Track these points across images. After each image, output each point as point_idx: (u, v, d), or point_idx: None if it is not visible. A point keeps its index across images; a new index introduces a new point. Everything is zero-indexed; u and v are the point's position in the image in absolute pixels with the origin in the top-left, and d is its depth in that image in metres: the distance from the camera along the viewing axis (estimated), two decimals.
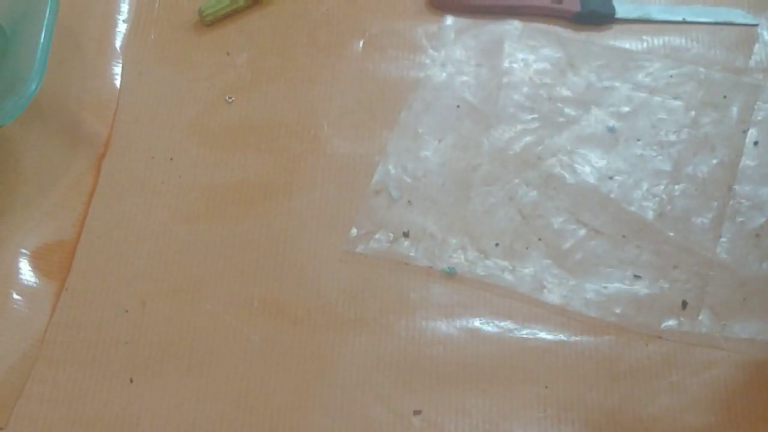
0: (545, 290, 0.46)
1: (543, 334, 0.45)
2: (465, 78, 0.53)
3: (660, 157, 0.50)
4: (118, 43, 0.54)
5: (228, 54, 0.54)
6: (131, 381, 0.44)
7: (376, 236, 0.48)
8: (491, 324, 0.46)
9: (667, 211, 0.48)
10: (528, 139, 0.51)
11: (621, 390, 0.44)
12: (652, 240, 0.48)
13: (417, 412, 0.43)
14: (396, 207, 0.49)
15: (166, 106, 0.52)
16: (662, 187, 0.49)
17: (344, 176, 0.50)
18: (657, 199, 0.49)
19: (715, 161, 0.50)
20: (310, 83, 0.53)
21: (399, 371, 0.45)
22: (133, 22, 0.55)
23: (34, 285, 0.46)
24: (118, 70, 0.53)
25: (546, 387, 0.44)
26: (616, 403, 0.44)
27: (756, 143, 0.50)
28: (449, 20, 0.55)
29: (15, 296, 0.46)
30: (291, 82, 0.53)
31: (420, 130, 0.51)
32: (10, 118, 0.44)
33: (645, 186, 0.49)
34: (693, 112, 0.51)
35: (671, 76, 0.53)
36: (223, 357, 0.45)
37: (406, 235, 0.48)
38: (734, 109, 0.51)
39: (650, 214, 0.48)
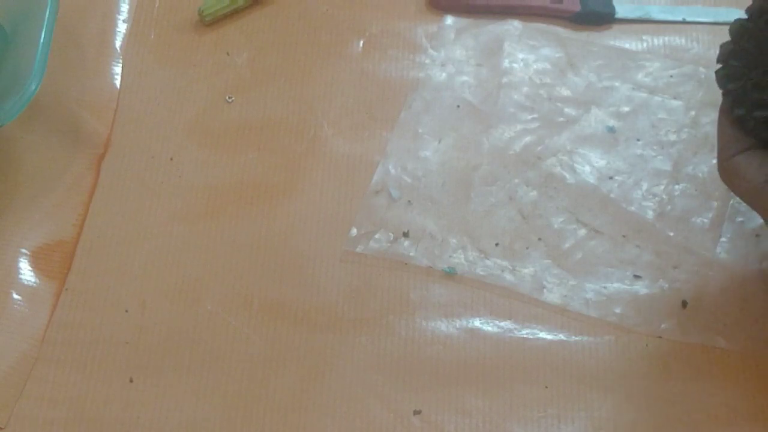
0: (545, 290, 0.46)
1: (543, 334, 0.45)
2: (465, 78, 0.53)
3: (660, 157, 0.50)
4: (118, 43, 0.54)
5: (228, 54, 0.54)
6: (131, 381, 0.44)
7: (376, 236, 0.48)
8: (491, 324, 0.46)
9: (667, 211, 0.48)
10: (528, 139, 0.51)
11: (621, 390, 0.44)
12: (652, 240, 0.47)
13: (417, 412, 0.43)
14: (396, 207, 0.49)
15: (166, 106, 0.52)
16: (662, 187, 0.49)
17: (344, 176, 0.50)
18: (657, 198, 0.49)
19: (714, 161, 0.50)
20: (310, 83, 0.53)
21: (399, 371, 0.45)
22: (133, 22, 0.55)
23: (34, 285, 0.46)
24: (118, 70, 0.53)
25: (546, 387, 0.44)
26: (616, 403, 0.44)
27: None
28: (449, 20, 0.55)
29: (15, 296, 0.46)
30: (291, 82, 0.53)
31: (420, 130, 0.51)
32: (10, 118, 0.44)
33: (645, 186, 0.49)
34: (693, 112, 0.52)
35: (671, 76, 0.53)
36: (223, 357, 0.45)
37: (406, 235, 0.48)
38: None
39: (650, 214, 0.48)
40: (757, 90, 0.39)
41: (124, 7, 0.55)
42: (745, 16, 0.40)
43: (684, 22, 0.55)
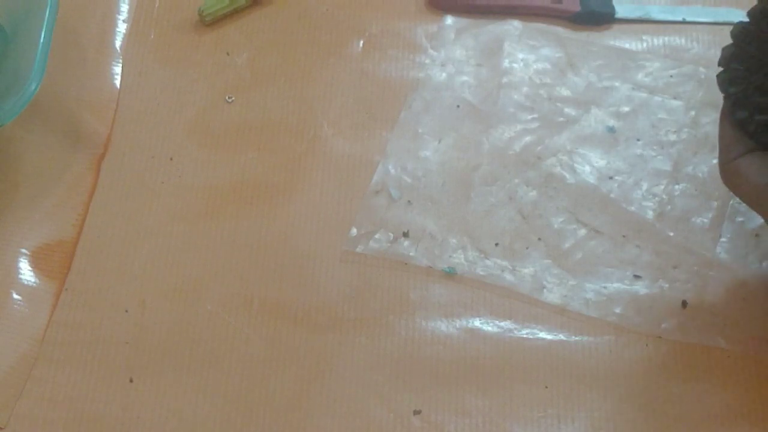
0: (545, 290, 0.46)
1: (543, 334, 0.45)
2: (465, 78, 0.53)
3: (660, 157, 0.50)
4: (118, 43, 0.54)
5: (228, 54, 0.54)
6: (131, 381, 0.44)
7: (376, 236, 0.48)
8: (491, 324, 0.46)
9: (667, 211, 0.48)
10: (528, 139, 0.51)
11: (621, 390, 0.44)
12: (652, 240, 0.48)
13: (417, 412, 0.43)
14: (396, 207, 0.49)
15: (166, 106, 0.52)
16: (662, 187, 0.49)
17: (344, 176, 0.50)
18: (657, 199, 0.49)
19: (715, 161, 0.50)
20: (310, 83, 0.53)
21: (399, 371, 0.45)
22: (133, 22, 0.55)
23: (34, 285, 0.46)
24: (118, 70, 0.53)
25: (546, 387, 0.44)
26: (616, 403, 0.44)
27: None
28: (449, 20, 0.55)
29: (15, 296, 0.46)
30: (291, 82, 0.53)
31: (420, 130, 0.51)
32: (10, 118, 0.44)
33: (645, 186, 0.49)
34: (693, 112, 0.52)
35: (671, 76, 0.53)
36: (223, 357, 0.45)
37: (405, 235, 0.48)
38: None
39: (650, 214, 0.48)
40: (759, 93, 0.39)
41: (124, 7, 0.55)
42: (746, 19, 0.40)
43: (684, 22, 0.55)
